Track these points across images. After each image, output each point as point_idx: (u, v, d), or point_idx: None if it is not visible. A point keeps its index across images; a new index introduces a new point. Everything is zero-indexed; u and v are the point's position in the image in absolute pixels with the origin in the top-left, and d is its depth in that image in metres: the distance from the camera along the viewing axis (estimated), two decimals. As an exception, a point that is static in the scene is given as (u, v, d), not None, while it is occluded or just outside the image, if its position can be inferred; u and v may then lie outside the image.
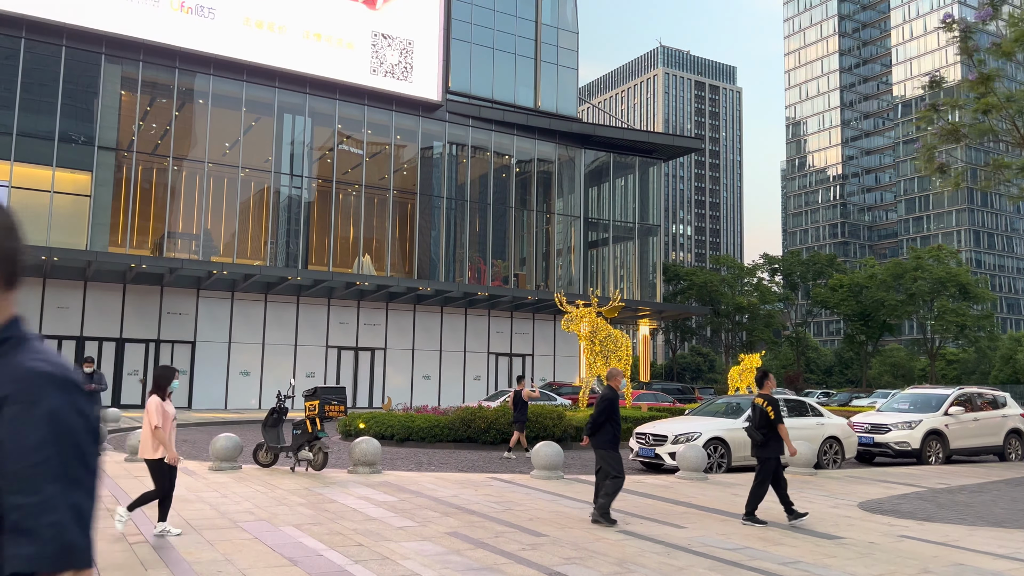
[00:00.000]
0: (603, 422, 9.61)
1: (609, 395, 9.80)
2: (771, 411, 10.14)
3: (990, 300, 62.42)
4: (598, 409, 9.70)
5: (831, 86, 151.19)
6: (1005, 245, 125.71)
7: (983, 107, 16.51)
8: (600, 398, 9.80)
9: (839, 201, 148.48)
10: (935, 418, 18.00)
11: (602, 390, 10.00)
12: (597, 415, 9.65)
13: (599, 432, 9.63)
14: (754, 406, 10.35)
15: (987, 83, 16.84)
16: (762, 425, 10.08)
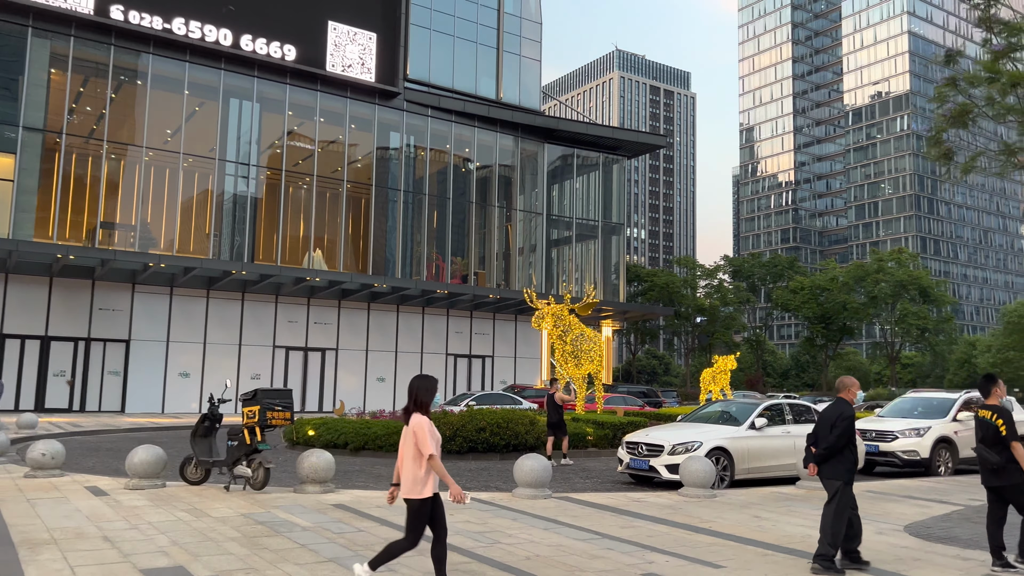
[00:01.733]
0: (842, 447, 7.39)
1: (848, 412, 7.48)
2: (1003, 426, 7.61)
3: (950, 303, 62.51)
4: (838, 431, 7.34)
5: (784, 92, 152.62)
6: (950, 252, 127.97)
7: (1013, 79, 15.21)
8: (839, 415, 7.42)
9: (791, 206, 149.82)
10: (944, 424, 16.53)
11: (833, 404, 7.64)
12: (836, 438, 7.32)
13: (835, 459, 7.39)
14: (981, 421, 7.84)
15: (1011, 55, 15.55)
16: (994, 443, 7.58)
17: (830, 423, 7.43)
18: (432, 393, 5.82)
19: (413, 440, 5.61)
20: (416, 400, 5.73)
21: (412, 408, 5.73)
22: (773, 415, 14.70)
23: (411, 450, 5.62)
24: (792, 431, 14.59)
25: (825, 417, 7.59)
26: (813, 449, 7.57)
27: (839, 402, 7.59)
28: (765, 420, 14.30)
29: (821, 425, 7.58)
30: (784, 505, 11.32)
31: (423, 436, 5.55)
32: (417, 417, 5.66)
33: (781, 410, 15.00)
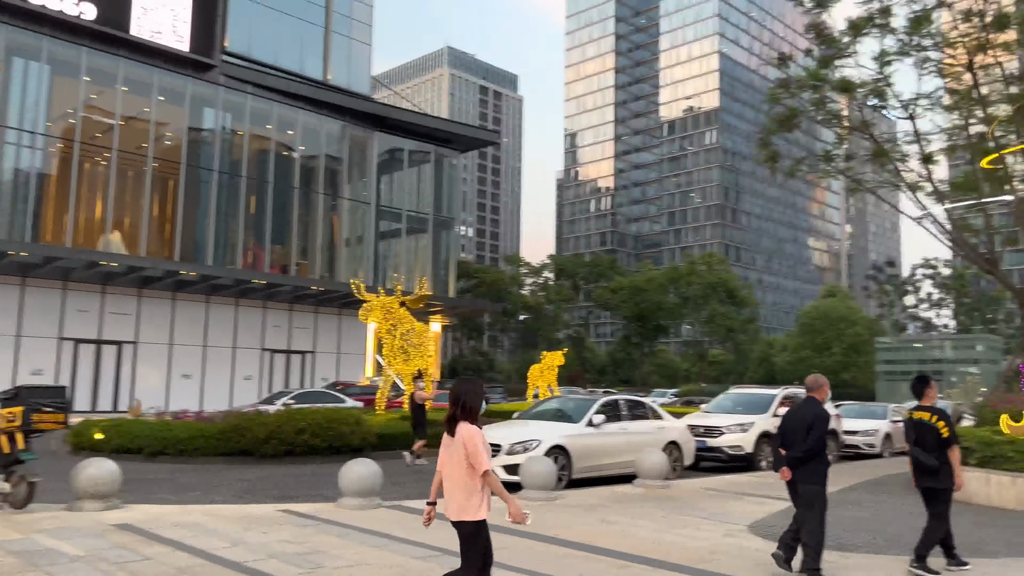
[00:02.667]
0: (820, 450, 6.94)
1: (825, 413, 7.05)
2: (945, 429, 7.43)
3: (754, 305, 67.26)
4: (816, 433, 6.86)
5: (606, 101, 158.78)
6: (750, 260, 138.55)
7: (843, 85, 15.87)
8: (816, 416, 6.95)
9: (610, 211, 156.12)
10: (766, 419, 17.00)
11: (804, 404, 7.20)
12: (815, 440, 6.85)
13: (812, 463, 6.92)
14: (917, 422, 7.62)
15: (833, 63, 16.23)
16: (935, 446, 7.41)
17: (806, 424, 6.94)
18: (481, 398, 5.07)
19: (462, 453, 4.82)
20: (464, 406, 4.92)
21: (459, 416, 4.92)
22: (610, 412, 14.34)
23: (460, 465, 4.85)
24: (629, 428, 14.32)
25: (797, 418, 7.12)
26: (783, 452, 7.12)
27: (811, 402, 7.16)
28: (603, 417, 13.91)
29: (791, 426, 7.15)
30: (629, 506, 10.84)
31: (476, 449, 4.80)
32: (467, 427, 4.88)
33: (617, 407, 14.68)
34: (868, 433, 20.55)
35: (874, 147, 15.78)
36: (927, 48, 16.50)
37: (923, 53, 17.08)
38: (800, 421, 7.05)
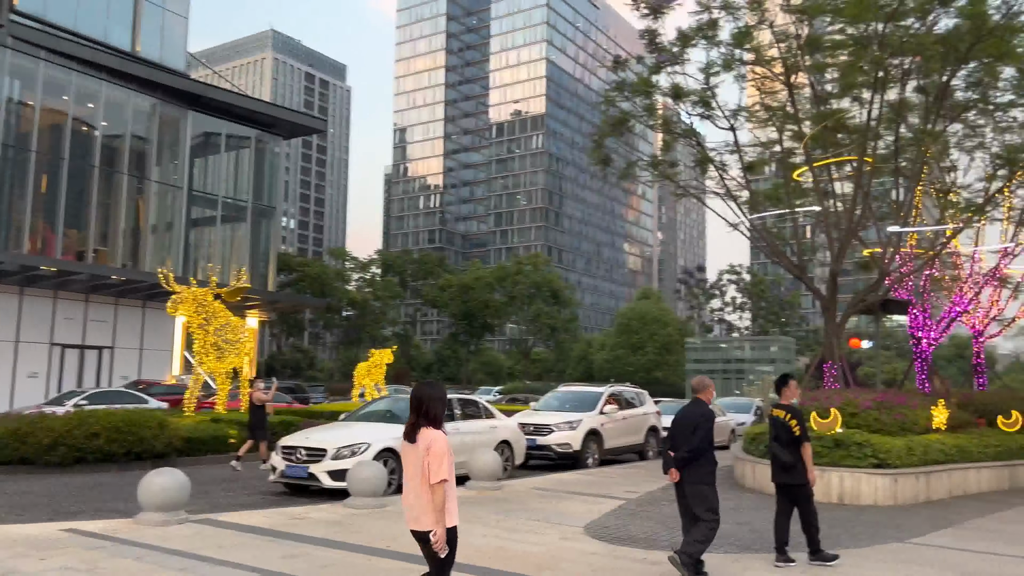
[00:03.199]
0: (706, 449, 7.04)
1: (710, 413, 7.22)
2: (797, 427, 7.72)
3: (575, 305, 69.40)
4: (702, 432, 7.03)
5: (436, 99, 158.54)
6: (571, 262, 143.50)
7: (672, 92, 16.32)
8: (701, 417, 7.12)
9: (438, 209, 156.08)
10: (593, 417, 17.23)
11: (691, 406, 7.33)
12: (700, 440, 7.01)
13: (697, 463, 7.01)
14: (774, 420, 7.93)
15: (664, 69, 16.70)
16: (788, 443, 7.74)
17: (692, 425, 7.06)
18: (445, 404, 4.82)
19: (424, 459, 4.57)
20: (427, 413, 4.68)
21: (422, 423, 4.67)
22: (442, 412, 13.85)
23: (422, 475, 4.60)
24: (461, 428, 13.93)
25: (685, 418, 7.19)
26: (671, 453, 7.14)
27: (697, 403, 7.28)
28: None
29: (679, 427, 7.20)
30: (462, 510, 10.33)
31: (440, 456, 4.55)
32: (431, 432, 4.64)
33: (451, 406, 14.23)
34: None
35: (700, 154, 16.45)
36: (748, 63, 17.41)
37: (744, 68, 18.03)
38: (688, 422, 7.14)
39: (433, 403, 4.69)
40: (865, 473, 12.44)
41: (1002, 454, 15.80)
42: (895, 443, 12.93)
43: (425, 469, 4.53)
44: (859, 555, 8.31)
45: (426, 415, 4.66)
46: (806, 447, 7.78)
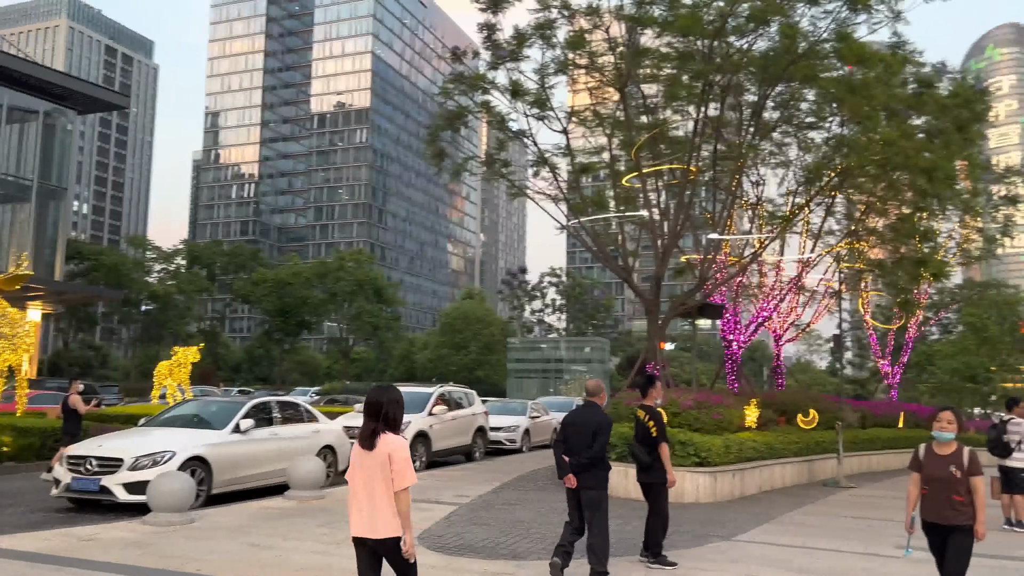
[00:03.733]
0: (604, 456, 6.97)
1: (609, 419, 7.10)
2: (654, 428, 7.81)
3: (399, 304, 68.25)
4: (603, 438, 6.88)
5: (254, 84, 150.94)
6: (394, 260, 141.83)
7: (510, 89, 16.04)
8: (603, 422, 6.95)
9: (253, 200, 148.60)
10: (422, 419, 16.65)
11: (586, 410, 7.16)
12: (601, 446, 6.86)
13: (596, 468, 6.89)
14: (638, 420, 8.02)
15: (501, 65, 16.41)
16: (644, 442, 7.86)
17: (591, 430, 6.90)
18: (403, 408, 4.76)
19: (386, 467, 4.50)
20: (387, 418, 4.59)
21: (381, 429, 4.58)
22: (261, 416, 12.75)
23: (384, 480, 4.51)
24: (280, 433, 12.89)
25: (582, 423, 7.03)
26: (567, 459, 6.95)
27: (594, 407, 7.17)
28: (252, 422, 12.28)
29: (574, 432, 7.05)
30: (282, 524, 9.49)
31: (405, 463, 4.53)
32: (393, 439, 4.58)
33: (269, 409, 13.14)
34: (510, 429, 21.44)
35: (536, 155, 16.40)
36: (581, 67, 17.59)
37: (577, 72, 18.22)
38: (584, 427, 6.98)
39: (392, 407, 4.60)
40: (688, 471, 12.78)
41: (802, 450, 16.96)
42: (715, 442, 13.41)
43: (388, 476, 4.46)
44: (692, 556, 8.35)
45: (386, 420, 4.57)
46: (663, 447, 7.83)
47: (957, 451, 5.69)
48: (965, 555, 5.57)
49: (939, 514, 5.62)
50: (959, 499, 5.55)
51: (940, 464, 5.67)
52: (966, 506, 5.55)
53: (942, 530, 5.63)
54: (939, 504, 5.62)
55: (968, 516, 5.55)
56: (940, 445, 5.75)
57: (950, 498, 5.57)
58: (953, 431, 5.74)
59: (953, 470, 5.59)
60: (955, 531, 5.57)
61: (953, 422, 5.76)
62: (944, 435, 5.73)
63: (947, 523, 5.58)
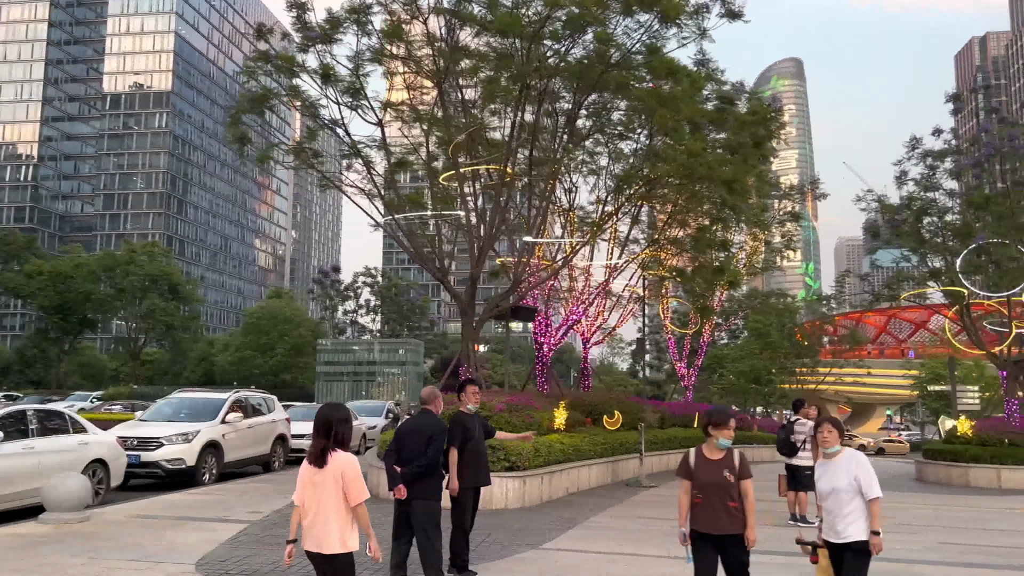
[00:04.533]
0: (438, 464, 6.83)
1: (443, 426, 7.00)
2: None
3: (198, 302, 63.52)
4: (436, 445, 6.75)
5: (35, 55, 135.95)
6: (194, 255, 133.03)
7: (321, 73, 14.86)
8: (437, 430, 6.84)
9: (30, 183, 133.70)
10: (213, 427, 15.22)
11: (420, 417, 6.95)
12: (435, 454, 6.72)
13: (430, 477, 6.73)
14: None
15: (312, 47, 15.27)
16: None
17: (425, 437, 6.67)
18: (352, 425, 4.90)
19: (338, 483, 4.62)
20: (336, 436, 4.67)
21: (331, 447, 4.66)
22: (13, 427, 10.96)
23: (335, 496, 4.63)
24: (38, 446, 11.16)
25: (415, 430, 6.79)
26: (398, 469, 6.64)
27: (428, 415, 6.93)
28: (1, 434, 10.53)
29: (408, 440, 6.77)
30: (30, 554, 8.05)
31: (357, 479, 4.67)
32: (344, 456, 4.70)
33: (24, 420, 11.33)
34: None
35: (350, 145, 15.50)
36: (397, 57, 16.93)
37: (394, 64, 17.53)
38: (418, 435, 6.75)
39: (342, 425, 4.71)
40: (498, 477, 12.47)
41: (607, 451, 17.30)
42: (525, 445, 13.23)
43: (339, 493, 4.61)
44: (498, 570, 7.97)
45: (335, 438, 4.67)
46: (451, 452, 7.39)
47: (728, 454, 5.44)
48: (741, 569, 5.40)
49: (715, 523, 5.32)
50: (734, 505, 5.32)
51: (713, 469, 5.39)
52: (739, 512, 5.33)
53: (717, 540, 5.35)
54: (714, 512, 5.32)
55: (741, 523, 5.34)
56: (712, 449, 5.47)
57: (726, 505, 5.31)
58: (731, 436, 5.51)
59: (727, 475, 5.34)
60: (730, 540, 5.33)
61: (732, 427, 5.55)
62: (728, 443, 5.48)
63: (723, 532, 5.32)
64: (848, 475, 5.35)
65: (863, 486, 5.29)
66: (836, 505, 5.38)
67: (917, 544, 10.51)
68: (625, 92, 17.36)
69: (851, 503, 5.31)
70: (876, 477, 5.39)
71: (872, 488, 5.28)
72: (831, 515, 5.41)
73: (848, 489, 5.33)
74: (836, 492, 5.36)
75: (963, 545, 10.56)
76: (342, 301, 68.15)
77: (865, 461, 5.46)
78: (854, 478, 5.32)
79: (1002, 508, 14.98)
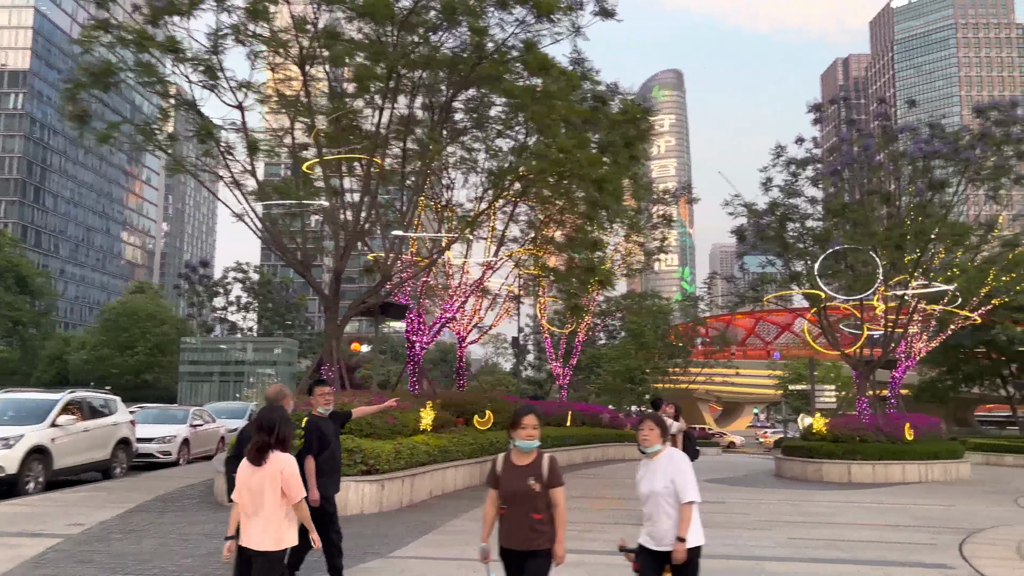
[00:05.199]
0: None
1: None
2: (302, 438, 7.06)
3: (51, 296, 58.87)
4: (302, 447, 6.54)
5: None
6: (52, 246, 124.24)
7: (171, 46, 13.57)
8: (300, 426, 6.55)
9: None
10: (40, 431, 13.82)
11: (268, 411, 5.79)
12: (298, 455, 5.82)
13: None
14: None
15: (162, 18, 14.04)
16: None
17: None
18: (293, 425, 5.11)
19: (276, 482, 4.82)
20: (278, 437, 4.90)
21: (272, 445, 4.87)
22: None
23: (274, 494, 4.82)
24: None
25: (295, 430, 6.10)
26: None
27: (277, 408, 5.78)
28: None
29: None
30: None
31: (295, 478, 4.89)
32: (283, 456, 4.90)
33: None
34: (165, 440, 19.01)
35: (200, 125, 14.39)
36: (260, 38, 15.95)
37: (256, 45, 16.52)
38: None
39: (284, 425, 4.91)
40: (354, 481, 11.86)
41: (475, 451, 16.92)
42: (384, 447, 12.68)
43: (278, 491, 4.78)
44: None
45: (276, 438, 4.86)
46: (308, 461, 6.90)
47: (537, 460, 4.77)
48: None
49: (517, 537, 4.69)
50: (538, 517, 4.67)
51: (518, 476, 4.73)
52: (545, 525, 4.68)
53: (520, 557, 4.70)
54: (517, 525, 4.69)
55: (548, 538, 4.69)
56: (519, 454, 4.81)
57: (529, 516, 4.66)
58: (537, 437, 4.81)
59: (532, 483, 4.69)
60: (532, 557, 4.67)
61: (539, 427, 4.81)
62: (529, 444, 4.78)
63: (526, 548, 4.67)
64: (665, 477, 5.01)
65: (678, 488, 4.95)
66: (654, 509, 5.04)
67: (768, 540, 10.65)
68: (496, 85, 17.03)
69: (671, 508, 4.97)
70: (694, 479, 5.04)
71: (687, 491, 4.94)
72: (649, 520, 5.06)
73: (665, 492, 4.99)
74: (654, 495, 5.03)
75: (813, 540, 10.78)
76: (210, 298, 64.83)
77: (683, 462, 5.10)
78: (671, 480, 4.98)
79: (848, 502, 15.59)
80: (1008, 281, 26.17)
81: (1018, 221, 29.21)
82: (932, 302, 25.63)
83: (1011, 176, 23.30)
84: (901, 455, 20.69)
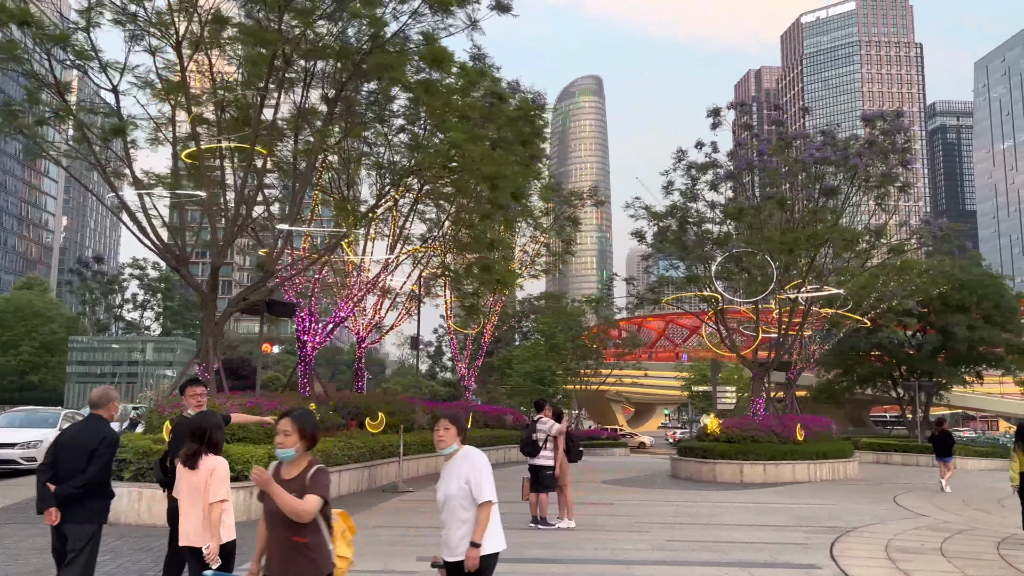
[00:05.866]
0: (104, 481, 5.72)
1: (114, 436, 5.78)
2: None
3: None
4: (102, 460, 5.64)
5: None
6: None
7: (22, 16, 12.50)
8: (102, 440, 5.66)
9: None
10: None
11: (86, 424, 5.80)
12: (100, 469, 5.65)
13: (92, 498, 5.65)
14: None
15: None
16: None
17: (89, 450, 5.64)
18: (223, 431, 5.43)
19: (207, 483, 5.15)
20: (210, 441, 5.27)
21: (203, 451, 5.22)
22: None
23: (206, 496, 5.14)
24: None
25: (76, 442, 5.71)
26: (52, 487, 5.57)
27: (97, 421, 5.82)
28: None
29: (68, 453, 5.69)
30: None
31: (223, 480, 5.15)
32: (215, 459, 5.23)
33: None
34: (28, 445, 17.72)
35: (59, 105, 13.37)
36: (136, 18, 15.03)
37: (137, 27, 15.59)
38: (78, 447, 5.68)
39: (215, 431, 5.30)
40: (220, 488, 11.16)
41: (364, 455, 16.37)
42: (256, 452, 12.03)
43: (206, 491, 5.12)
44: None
45: (209, 443, 5.25)
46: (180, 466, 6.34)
47: (304, 471, 3.96)
48: None
49: (278, 567, 3.87)
50: (301, 540, 3.86)
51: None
52: (311, 550, 3.88)
53: None
54: (277, 549, 3.90)
55: (316, 567, 3.87)
56: (288, 465, 4.01)
57: (289, 540, 3.86)
58: (293, 446, 3.95)
59: None
60: None
61: (292, 433, 3.95)
62: (286, 453, 3.99)
63: None
64: (460, 479, 4.56)
65: (473, 489, 4.50)
66: (449, 515, 4.60)
67: (645, 543, 10.51)
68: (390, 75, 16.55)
69: (466, 512, 4.53)
70: (490, 479, 4.58)
71: (482, 491, 4.48)
72: (446, 528, 4.63)
73: (459, 495, 4.54)
74: (448, 499, 4.60)
75: (690, 542, 10.70)
76: (104, 296, 61.67)
77: (480, 461, 4.63)
78: (465, 481, 4.54)
79: (734, 503, 15.73)
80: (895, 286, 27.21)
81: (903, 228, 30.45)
82: (826, 305, 26.39)
83: (896, 184, 24.17)
84: (792, 455, 21.15)
